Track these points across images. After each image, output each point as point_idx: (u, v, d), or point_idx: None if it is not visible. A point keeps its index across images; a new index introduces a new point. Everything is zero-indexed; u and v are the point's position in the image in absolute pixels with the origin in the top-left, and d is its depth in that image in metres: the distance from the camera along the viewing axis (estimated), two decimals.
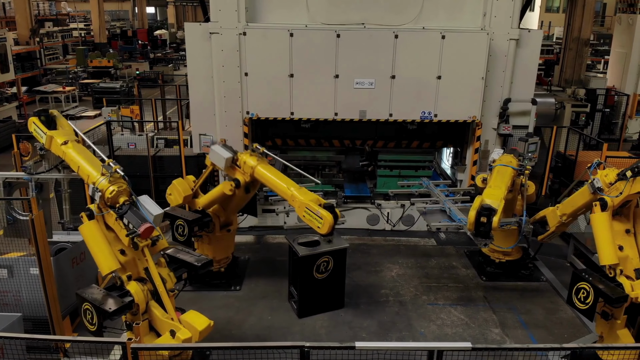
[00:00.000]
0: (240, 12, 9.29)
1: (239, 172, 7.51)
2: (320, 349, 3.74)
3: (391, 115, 9.68)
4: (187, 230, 7.76)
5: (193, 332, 5.45)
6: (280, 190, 7.21)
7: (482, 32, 9.27)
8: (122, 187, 5.83)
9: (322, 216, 6.59)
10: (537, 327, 7.61)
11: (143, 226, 5.53)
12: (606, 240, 6.16)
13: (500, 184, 7.35)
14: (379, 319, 7.69)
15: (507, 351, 3.65)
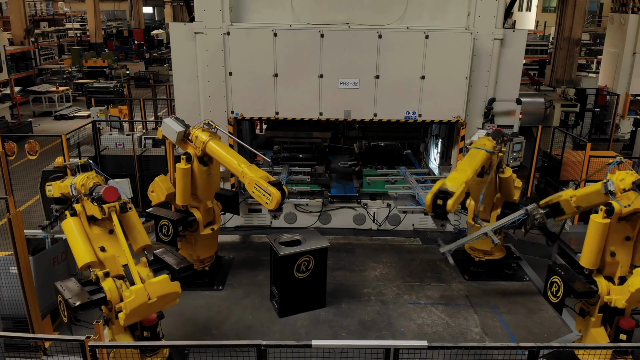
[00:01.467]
0: (225, 12, 9.32)
1: (191, 146, 7.65)
2: (277, 347, 3.75)
3: (376, 115, 9.70)
4: (171, 230, 7.79)
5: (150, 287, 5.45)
6: (231, 167, 7.42)
7: (465, 32, 9.29)
8: (92, 175, 6.15)
9: (270, 192, 6.92)
10: (518, 326, 7.62)
11: (104, 187, 5.82)
12: (593, 247, 6.04)
13: (467, 167, 7.34)
14: (359, 318, 7.71)
15: (464, 349, 3.67)
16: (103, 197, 5.74)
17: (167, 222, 7.82)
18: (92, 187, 6.03)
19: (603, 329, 6.20)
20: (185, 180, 7.74)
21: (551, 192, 10.71)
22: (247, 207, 10.41)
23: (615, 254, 6.10)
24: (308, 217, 10.54)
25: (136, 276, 5.56)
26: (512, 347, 3.87)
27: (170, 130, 7.70)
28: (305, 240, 7.75)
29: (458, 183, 6.94)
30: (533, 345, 3.80)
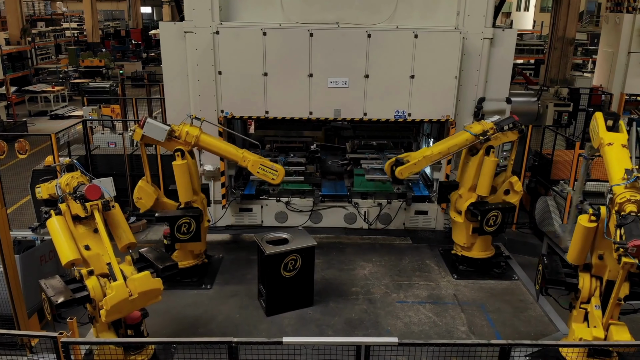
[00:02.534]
0: (214, 11, 9.32)
1: (178, 143, 7.85)
2: (248, 344, 3.76)
3: (365, 114, 9.70)
4: (194, 226, 7.98)
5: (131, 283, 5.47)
6: (231, 153, 8.10)
7: (454, 31, 9.29)
8: (76, 175, 6.13)
9: (276, 169, 8.12)
10: (505, 325, 7.63)
11: (87, 185, 5.87)
12: (577, 246, 6.08)
13: (440, 144, 8.43)
14: (346, 317, 7.72)
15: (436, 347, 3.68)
16: (85, 195, 5.77)
17: (189, 219, 7.90)
18: (76, 186, 6.06)
19: (584, 325, 6.22)
20: (185, 176, 8.00)
21: (542, 191, 10.73)
22: (237, 206, 10.43)
23: (603, 257, 6.10)
24: (299, 216, 10.55)
25: (118, 273, 5.56)
26: (483, 344, 3.87)
27: (158, 129, 7.72)
28: (293, 239, 7.76)
29: (420, 156, 8.29)
30: (504, 342, 3.81)
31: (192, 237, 8.07)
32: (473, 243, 8.79)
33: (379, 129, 11.47)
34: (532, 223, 10.78)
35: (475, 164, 8.35)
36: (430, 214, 10.59)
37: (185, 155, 7.94)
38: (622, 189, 5.51)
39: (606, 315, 5.89)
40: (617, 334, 5.76)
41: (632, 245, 5.00)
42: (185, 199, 8.15)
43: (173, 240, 8.06)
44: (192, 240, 8.10)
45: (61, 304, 5.26)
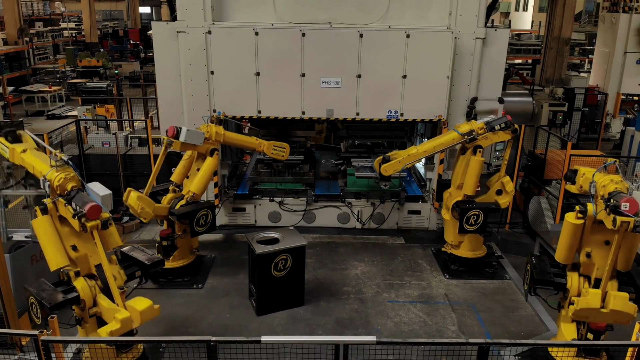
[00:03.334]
0: (207, 11, 9.33)
1: (209, 143, 8.39)
2: (226, 342, 3.77)
3: (358, 114, 9.72)
4: (210, 217, 8.33)
5: (134, 314, 5.47)
6: (250, 142, 9.29)
7: (446, 31, 9.30)
8: (70, 175, 5.85)
9: (284, 146, 9.55)
10: (495, 324, 7.64)
11: (88, 205, 5.55)
12: (565, 244, 6.12)
13: (427, 143, 8.63)
14: (337, 316, 7.72)
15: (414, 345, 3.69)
16: (87, 215, 5.54)
17: (207, 211, 8.27)
18: (69, 190, 5.78)
19: (573, 325, 6.24)
20: (212, 173, 8.63)
21: (535, 191, 10.74)
22: (230, 206, 10.43)
23: (590, 255, 6.11)
24: (292, 216, 10.56)
25: (111, 280, 5.57)
26: (461, 343, 3.88)
27: (196, 134, 8.16)
28: (283, 238, 7.77)
29: (404, 154, 8.55)
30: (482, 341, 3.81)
31: (209, 228, 8.43)
32: (461, 241, 8.82)
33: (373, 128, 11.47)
34: (526, 223, 10.78)
35: (463, 163, 8.39)
36: (424, 214, 10.60)
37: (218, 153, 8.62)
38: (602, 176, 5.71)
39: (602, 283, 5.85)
40: (614, 300, 5.71)
41: (625, 201, 5.07)
42: (202, 193, 8.46)
43: (193, 233, 8.27)
44: (209, 230, 8.46)
45: (55, 306, 5.26)
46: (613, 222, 5.31)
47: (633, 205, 5.13)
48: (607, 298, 5.84)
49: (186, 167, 8.62)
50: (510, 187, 8.66)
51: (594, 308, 5.75)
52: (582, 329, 6.29)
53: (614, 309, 5.69)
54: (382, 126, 10.76)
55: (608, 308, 5.72)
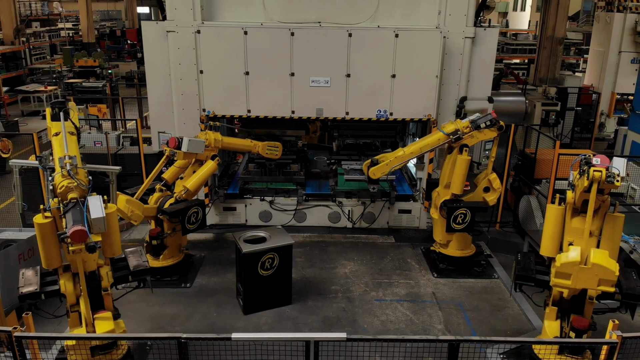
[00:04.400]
0: (196, 11, 9.34)
1: (209, 149, 8.68)
2: (197, 340, 3.79)
3: (347, 113, 9.73)
4: (201, 214, 8.49)
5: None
6: (245, 145, 9.70)
7: (435, 31, 9.31)
8: (73, 184, 5.55)
9: (276, 146, 9.99)
10: (481, 323, 7.65)
11: (73, 228, 5.18)
12: (548, 233, 6.28)
13: (414, 144, 8.74)
14: (324, 315, 7.74)
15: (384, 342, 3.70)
16: (70, 238, 5.24)
17: (197, 208, 8.40)
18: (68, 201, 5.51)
19: (556, 323, 6.26)
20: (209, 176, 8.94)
21: (526, 190, 10.75)
22: (221, 205, 10.45)
23: (573, 244, 6.16)
24: (283, 215, 10.57)
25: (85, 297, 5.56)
26: (432, 339, 3.90)
27: (198, 143, 8.45)
28: (271, 237, 7.79)
29: (391, 157, 8.66)
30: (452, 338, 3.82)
31: (200, 225, 8.51)
32: (449, 240, 8.85)
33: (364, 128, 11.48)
34: (516, 222, 10.79)
35: (450, 162, 8.41)
36: (414, 213, 10.61)
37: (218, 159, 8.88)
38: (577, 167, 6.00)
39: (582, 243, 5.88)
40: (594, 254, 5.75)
41: (597, 157, 5.70)
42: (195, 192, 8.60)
43: (184, 231, 8.35)
44: (199, 228, 8.55)
45: (24, 295, 5.25)
46: (587, 176, 5.62)
47: (604, 159, 5.68)
48: (588, 255, 5.85)
49: (180, 171, 8.66)
50: (497, 184, 8.66)
51: (574, 262, 5.73)
52: (565, 327, 6.32)
53: (594, 263, 5.68)
54: (372, 126, 10.78)
55: (589, 263, 5.71)
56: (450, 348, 3.85)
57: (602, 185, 5.72)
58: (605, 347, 4.31)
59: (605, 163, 5.73)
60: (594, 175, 5.61)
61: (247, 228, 10.12)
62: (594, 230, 6.22)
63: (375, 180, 8.83)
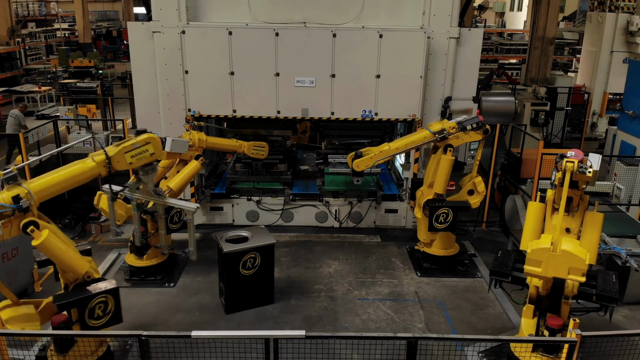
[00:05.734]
0: (181, 11, 9.39)
1: (193, 149, 8.66)
2: (157, 337, 3.83)
3: (333, 113, 9.77)
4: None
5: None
6: (230, 145, 9.74)
7: (419, 31, 9.35)
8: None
9: (263, 145, 10.11)
10: (462, 322, 7.69)
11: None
12: (527, 228, 6.33)
13: (399, 141, 8.82)
14: (305, 314, 7.77)
15: (341, 339, 3.73)
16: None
17: (178, 210, 8.13)
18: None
19: (533, 321, 6.30)
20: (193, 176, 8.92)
21: (512, 190, 10.78)
22: (208, 205, 10.49)
23: (553, 242, 6.20)
24: (270, 215, 10.61)
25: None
26: (389, 337, 3.93)
27: (181, 143, 8.31)
28: (253, 237, 7.82)
29: (376, 150, 8.69)
30: (411, 335, 3.86)
31: (183, 225, 8.36)
32: (433, 240, 8.88)
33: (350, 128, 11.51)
34: (502, 222, 10.83)
35: (434, 162, 8.45)
36: (400, 212, 10.65)
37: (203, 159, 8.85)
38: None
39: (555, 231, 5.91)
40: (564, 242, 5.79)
41: (571, 151, 5.92)
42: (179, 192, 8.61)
43: (167, 231, 8.05)
44: (182, 227, 8.33)
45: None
46: (562, 167, 5.82)
47: (578, 153, 5.90)
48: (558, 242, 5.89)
49: (164, 171, 8.70)
50: (482, 188, 8.72)
51: (545, 248, 5.77)
52: (541, 325, 6.36)
53: (564, 250, 5.72)
54: (361, 126, 10.82)
55: (559, 250, 5.75)
56: (409, 346, 3.89)
57: (575, 176, 5.80)
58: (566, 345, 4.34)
59: (579, 156, 5.87)
60: (567, 165, 5.78)
61: (234, 228, 10.15)
62: (573, 228, 6.29)
63: (359, 173, 8.91)
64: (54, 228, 5.50)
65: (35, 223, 5.35)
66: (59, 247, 5.44)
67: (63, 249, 5.48)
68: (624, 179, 10.73)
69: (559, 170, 5.99)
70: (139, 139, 5.97)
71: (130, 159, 5.94)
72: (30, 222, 5.34)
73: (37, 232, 5.34)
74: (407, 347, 3.91)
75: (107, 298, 5.77)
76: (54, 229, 5.48)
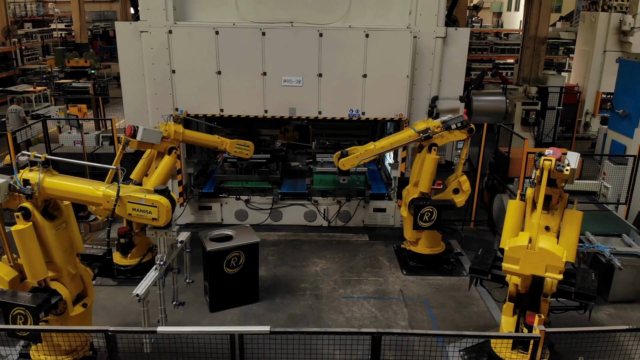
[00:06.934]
0: (169, 11, 9.43)
1: (168, 141, 8.40)
2: (123, 332, 3.86)
3: (320, 112, 9.80)
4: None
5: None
6: (211, 141, 9.43)
7: (405, 31, 9.38)
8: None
9: (248, 145, 9.75)
10: (445, 320, 7.72)
11: None
12: (506, 226, 6.33)
13: (385, 140, 8.83)
14: (290, 312, 7.81)
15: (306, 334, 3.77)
16: None
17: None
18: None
19: (513, 319, 6.33)
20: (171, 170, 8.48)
21: (500, 188, 10.81)
22: (196, 204, 10.52)
23: (531, 240, 6.23)
24: (259, 214, 10.65)
25: None
26: (353, 332, 3.96)
27: (154, 133, 8.18)
28: (237, 235, 7.86)
29: (362, 149, 8.75)
30: (374, 331, 3.89)
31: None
32: (419, 238, 8.92)
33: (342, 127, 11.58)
34: (491, 220, 10.87)
35: (419, 161, 8.49)
36: (389, 211, 10.68)
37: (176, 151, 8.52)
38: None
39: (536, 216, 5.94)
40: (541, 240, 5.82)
41: (549, 149, 5.91)
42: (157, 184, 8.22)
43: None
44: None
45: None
46: (540, 165, 5.84)
47: (556, 151, 5.91)
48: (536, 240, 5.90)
49: (145, 165, 8.69)
50: (467, 186, 8.75)
51: (522, 246, 5.79)
52: (521, 323, 6.39)
53: (541, 247, 5.74)
54: (348, 125, 10.87)
55: (536, 247, 5.76)
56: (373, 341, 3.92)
57: (553, 174, 5.83)
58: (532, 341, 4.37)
59: (556, 154, 5.90)
60: (544, 163, 5.81)
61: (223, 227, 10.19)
62: (553, 226, 6.31)
63: (345, 171, 9.00)
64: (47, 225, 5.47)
65: (26, 211, 5.33)
66: (30, 245, 5.33)
67: (33, 249, 5.35)
68: (613, 178, 10.77)
69: (538, 168, 6.04)
70: (148, 197, 5.59)
71: (132, 211, 5.65)
72: (22, 208, 5.33)
73: (20, 220, 5.30)
74: (372, 342, 3.95)
75: (26, 312, 5.20)
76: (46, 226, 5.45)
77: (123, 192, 5.50)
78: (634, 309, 8.16)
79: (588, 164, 11.90)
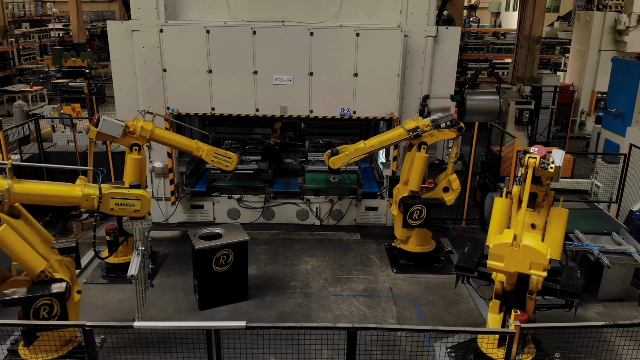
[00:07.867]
0: (160, 10, 9.45)
1: (133, 137, 8.11)
2: (100, 327, 3.89)
3: (311, 111, 9.82)
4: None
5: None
6: (184, 144, 8.82)
7: (396, 30, 9.40)
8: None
9: (229, 156, 9.21)
10: (434, 318, 7.74)
11: None
12: (493, 223, 6.35)
13: (374, 138, 8.91)
14: (279, 310, 7.83)
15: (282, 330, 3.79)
16: None
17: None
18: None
19: (499, 316, 6.35)
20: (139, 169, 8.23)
21: (492, 187, 10.84)
22: (188, 203, 10.55)
23: (516, 237, 6.25)
24: (251, 213, 10.67)
25: None
26: (328, 327, 3.98)
27: (114, 125, 7.97)
28: (226, 234, 7.88)
29: (352, 148, 8.85)
30: (350, 325, 3.91)
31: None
32: (409, 236, 8.94)
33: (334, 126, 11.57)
34: (482, 219, 10.89)
35: (409, 159, 8.52)
36: (381, 210, 10.70)
37: (142, 150, 8.21)
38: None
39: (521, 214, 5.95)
40: (525, 237, 5.83)
41: (534, 147, 5.97)
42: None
43: None
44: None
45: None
46: (525, 163, 5.88)
47: (541, 149, 5.96)
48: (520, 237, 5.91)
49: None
50: (457, 185, 8.77)
51: (507, 243, 5.80)
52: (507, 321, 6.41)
53: (525, 245, 5.75)
54: (342, 124, 10.87)
55: (520, 245, 5.78)
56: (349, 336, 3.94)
57: (538, 172, 5.86)
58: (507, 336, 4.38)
59: (541, 152, 5.92)
60: (529, 161, 5.83)
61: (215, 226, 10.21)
62: (539, 224, 6.33)
63: (335, 170, 9.08)
64: (19, 223, 5.55)
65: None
66: (15, 243, 5.42)
67: (19, 245, 5.44)
68: (605, 177, 10.79)
69: (523, 165, 6.06)
70: (132, 192, 6.19)
71: (114, 205, 6.10)
72: None
73: None
74: (347, 337, 3.97)
75: (53, 301, 5.40)
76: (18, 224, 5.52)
77: (105, 190, 5.82)
78: (623, 307, 8.18)
79: (581, 163, 11.93)
